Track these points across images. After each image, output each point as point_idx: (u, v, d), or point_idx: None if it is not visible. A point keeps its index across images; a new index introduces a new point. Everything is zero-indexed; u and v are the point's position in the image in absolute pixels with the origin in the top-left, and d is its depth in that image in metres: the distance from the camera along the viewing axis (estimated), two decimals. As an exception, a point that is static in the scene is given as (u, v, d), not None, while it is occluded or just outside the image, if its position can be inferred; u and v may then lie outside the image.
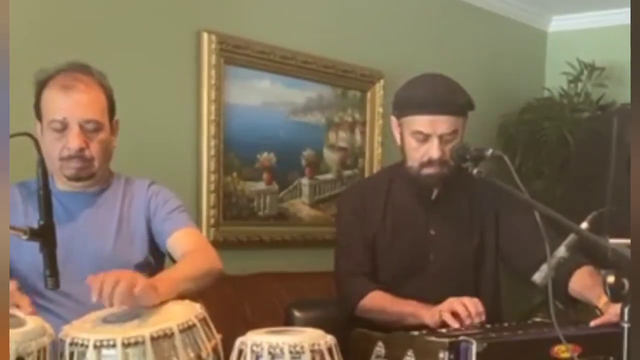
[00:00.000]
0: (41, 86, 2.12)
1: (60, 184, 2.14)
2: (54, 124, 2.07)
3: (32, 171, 2.10)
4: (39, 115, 2.13)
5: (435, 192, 2.52)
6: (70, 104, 2.07)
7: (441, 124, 2.38)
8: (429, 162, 2.42)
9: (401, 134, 2.50)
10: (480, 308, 2.22)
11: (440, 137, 2.39)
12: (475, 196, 2.53)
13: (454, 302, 2.24)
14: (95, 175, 2.15)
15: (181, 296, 1.87)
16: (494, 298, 2.57)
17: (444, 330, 2.17)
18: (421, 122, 2.40)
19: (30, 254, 1.86)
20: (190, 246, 2.13)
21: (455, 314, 2.23)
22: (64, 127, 2.07)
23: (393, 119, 2.54)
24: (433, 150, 2.40)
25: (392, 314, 2.39)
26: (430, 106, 2.39)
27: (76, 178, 2.12)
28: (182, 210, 2.23)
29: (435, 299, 2.31)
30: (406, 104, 2.46)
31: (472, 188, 2.49)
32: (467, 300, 2.24)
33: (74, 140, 2.07)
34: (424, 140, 2.41)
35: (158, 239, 2.19)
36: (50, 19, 2.81)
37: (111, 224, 2.16)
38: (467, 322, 2.20)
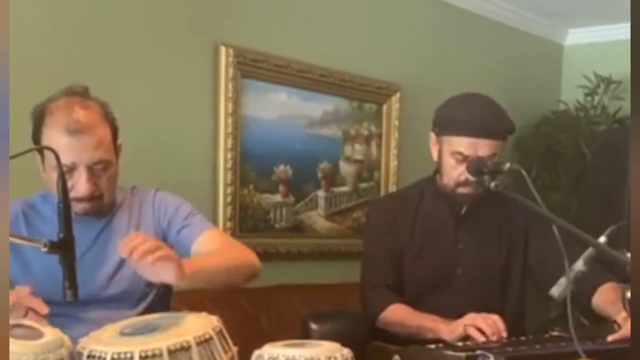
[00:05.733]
0: (39, 122, 2.01)
1: None
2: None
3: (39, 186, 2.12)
4: (40, 151, 2.02)
5: (465, 207, 2.53)
6: (78, 148, 1.97)
7: (482, 146, 2.39)
8: (466, 182, 2.43)
9: (439, 151, 2.50)
10: (503, 326, 2.22)
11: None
12: (505, 212, 2.54)
13: (477, 318, 2.24)
14: (104, 208, 2.11)
15: (200, 305, 1.87)
16: (518, 313, 2.58)
17: (460, 344, 2.16)
18: (462, 143, 2.40)
19: (40, 274, 1.88)
20: (219, 245, 2.09)
21: (478, 330, 2.22)
22: (71, 170, 1.99)
23: (432, 135, 2.53)
24: None
25: (411, 327, 2.40)
26: (474, 129, 2.39)
27: (84, 214, 2.06)
28: (195, 213, 2.18)
29: (461, 313, 2.31)
30: (449, 123, 2.45)
31: (502, 204, 2.49)
32: (489, 317, 2.24)
33: (83, 186, 2.00)
34: (463, 160, 2.41)
35: (179, 250, 2.12)
36: (67, 32, 2.84)
37: (121, 239, 2.05)
38: (492, 338, 2.19)
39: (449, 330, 2.27)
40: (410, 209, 2.58)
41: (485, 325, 2.22)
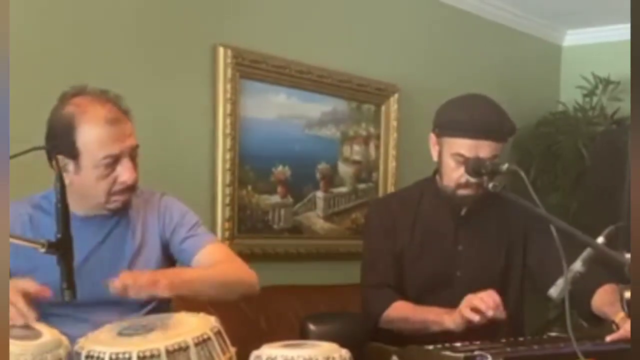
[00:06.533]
0: (69, 125, 1.99)
1: (77, 210, 1.99)
2: (107, 160, 1.98)
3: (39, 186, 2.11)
4: (74, 155, 1.99)
5: (465, 209, 2.52)
6: (120, 136, 2.00)
7: (484, 148, 2.38)
8: (466, 184, 2.42)
9: (439, 152, 2.49)
10: (498, 299, 2.23)
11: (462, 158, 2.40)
12: (504, 213, 2.53)
13: (472, 299, 2.25)
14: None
15: (199, 306, 1.88)
16: (517, 315, 2.57)
17: (459, 344, 2.16)
18: (464, 145, 2.40)
19: (46, 275, 1.88)
20: (219, 259, 2.10)
21: (475, 310, 2.22)
22: (115, 161, 2.00)
23: (432, 136, 2.52)
24: None
25: (415, 323, 2.40)
26: (476, 131, 2.38)
27: (118, 209, 2.07)
28: (199, 224, 2.18)
29: None
30: (450, 125, 2.44)
31: (501, 205, 2.48)
32: (483, 294, 2.24)
33: (129, 174, 2.01)
34: (463, 162, 2.40)
35: (180, 259, 2.15)
36: (65, 33, 2.83)
37: (128, 246, 2.11)
38: (489, 314, 2.19)
39: (451, 319, 2.28)
40: (410, 210, 2.57)
41: (479, 301, 2.22)
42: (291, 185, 3.65)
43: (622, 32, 4.71)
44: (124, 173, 2.01)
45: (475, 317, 2.20)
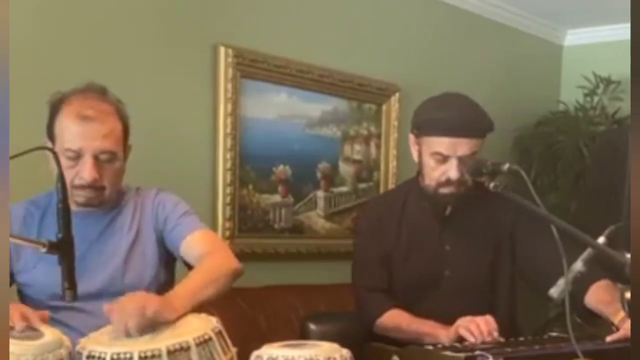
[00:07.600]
0: (55, 109, 2.08)
1: (70, 204, 2.07)
2: (68, 153, 2.04)
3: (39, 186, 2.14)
4: (52, 138, 2.09)
5: (449, 208, 2.52)
6: (86, 135, 2.04)
7: (462, 146, 2.38)
8: (447, 182, 2.42)
9: (419, 152, 2.50)
10: (493, 325, 2.22)
11: (460, 159, 2.39)
12: (491, 211, 2.52)
13: (469, 323, 2.24)
14: (105, 201, 2.14)
15: (200, 306, 1.88)
16: (509, 313, 2.57)
17: (459, 345, 2.16)
18: (442, 144, 2.39)
19: (44, 273, 1.89)
20: (203, 249, 2.11)
21: (470, 331, 2.22)
22: (78, 157, 2.05)
23: (411, 137, 2.53)
24: (452, 171, 2.39)
25: (409, 333, 2.39)
26: (453, 129, 2.38)
27: (85, 205, 2.10)
28: (190, 213, 2.21)
29: (450, 315, 2.31)
30: (427, 124, 2.44)
31: (487, 203, 2.48)
32: (479, 319, 2.24)
33: (88, 172, 2.04)
34: (443, 160, 2.40)
35: (171, 246, 2.17)
36: (65, 33, 2.84)
37: (124, 239, 2.15)
38: (480, 340, 2.19)
39: (446, 334, 2.27)
40: (396, 211, 2.57)
41: (475, 327, 2.21)
42: (292, 185, 3.65)
43: (623, 31, 4.70)
44: (83, 170, 2.05)
45: (471, 338, 2.20)
